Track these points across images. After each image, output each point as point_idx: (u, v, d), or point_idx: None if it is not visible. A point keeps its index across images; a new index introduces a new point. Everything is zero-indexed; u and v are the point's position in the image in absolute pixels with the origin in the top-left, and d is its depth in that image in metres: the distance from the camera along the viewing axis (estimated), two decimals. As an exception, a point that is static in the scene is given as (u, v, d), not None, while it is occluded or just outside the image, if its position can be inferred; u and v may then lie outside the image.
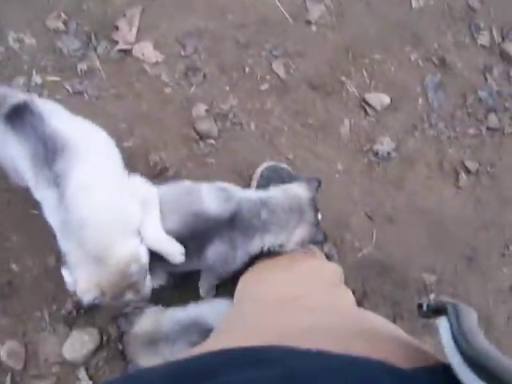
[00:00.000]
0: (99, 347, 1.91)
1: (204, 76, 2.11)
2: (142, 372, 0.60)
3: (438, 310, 0.66)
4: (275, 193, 1.63)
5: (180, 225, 1.50)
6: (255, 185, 1.95)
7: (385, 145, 2.14)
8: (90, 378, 1.89)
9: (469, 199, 2.17)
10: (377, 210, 2.10)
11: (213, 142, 2.06)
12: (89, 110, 2.02)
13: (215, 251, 1.53)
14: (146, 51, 2.10)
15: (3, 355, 1.85)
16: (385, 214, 2.10)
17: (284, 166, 1.99)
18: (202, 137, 2.06)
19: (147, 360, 1.62)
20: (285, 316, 0.91)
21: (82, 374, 1.89)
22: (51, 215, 1.40)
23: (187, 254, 1.51)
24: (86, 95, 2.05)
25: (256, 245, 1.57)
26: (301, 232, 1.59)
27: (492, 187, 2.20)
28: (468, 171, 2.18)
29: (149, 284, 1.53)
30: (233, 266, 1.59)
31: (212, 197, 1.54)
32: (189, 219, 1.51)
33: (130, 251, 1.38)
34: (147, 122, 2.05)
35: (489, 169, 2.20)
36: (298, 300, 1.10)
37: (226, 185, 1.62)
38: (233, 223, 1.51)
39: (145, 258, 1.43)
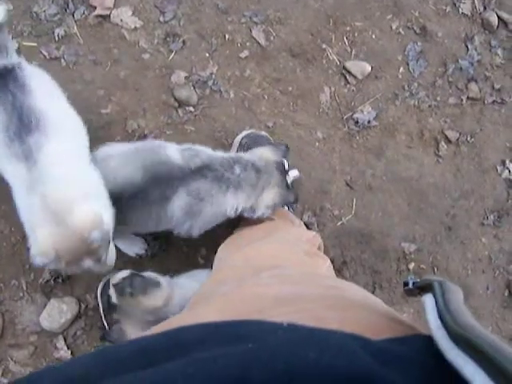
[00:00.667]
0: (77, 316, 1.90)
1: (183, 42, 2.09)
2: (112, 348, 0.59)
3: (424, 288, 0.65)
4: (244, 154, 1.62)
5: (142, 171, 1.46)
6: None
7: (365, 113, 2.13)
8: (68, 347, 1.88)
9: (449, 168, 2.18)
10: (357, 178, 2.10)
11: (192, 109, 2.04)
12: (66, 76, 1.99)
13: (179, 203, 1.49)
14: (125, 17, 2.07)
15: (-21, 323, 1.84)
16: (365, 183, 2.10)
17: (263, 133, 1.98)
18: (181, 104, 2.03)
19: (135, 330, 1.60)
20: (260, 286, 0.90)
21: (60, 343, 1.88)
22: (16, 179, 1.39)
23: (151, 204, 1.48)
24: (63, 61, 2.02)
25: (230, 202, 1.55)
26: (269, 194, 1.58)
27: (472, 157, 2.20)
28: (448, 140, 2.18)
29: (112, 253, 1.49)
30: (202, 219, 1.55)
31: (178, 152, 1.52)
32: (152, 167, 1.47)
33: (92, 215, 1.33)
34: (125, 89, 2.02)
35: (469, 138, 2.20)
36: (274, 269, 1.08)
37: (196, 146, 1.60)
38: (201, 173, 1.48)
39: (108, 225, 1.38)
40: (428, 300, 0.59)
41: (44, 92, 1.49)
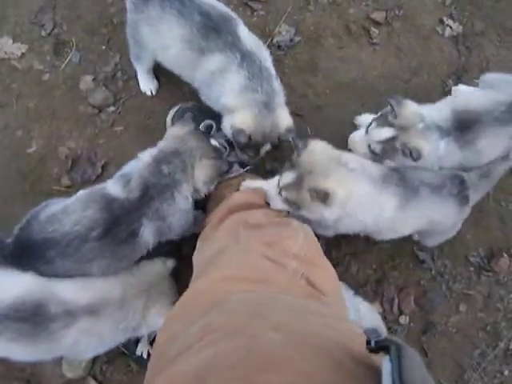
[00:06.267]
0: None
1: (75, 46, 1.96)
2: None
3: (384, 348, 0.64)
4: (161, 143, 1.54)
5: (100, 212, 1.44)
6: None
7: (284, 33, 1.99)
8: (101, 383, 1.86)
9: (388, 52, 2.04)
10: (300, 103, 1.98)
11: (113, 108, 1.93)
12: (-23, 132, 1.90)
13: (149, 232, 1.49)
14: (7, 47, 1.95)
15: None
16: (311, 105, 1.98)
17: (190, 104, 1.86)
18: (101, 108, 1.93)
19: None
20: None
21: (92, 383, 1.85)
22: None
23: (121, 242, 1.46)
24: (-32, 117, 1.92)
25: (182, 200, 1.50)
26: (201, 170, 1.50)
27: (408, 29, 2.05)
28: (377, 23, 2.04)
29: None
30: (175, 231, 1.56)
31: (116, 186, 1.48)
32: (106, 206, 1.44)
33: None
34: (41, 119, 1.92)
35: (398, 12, 2.05)
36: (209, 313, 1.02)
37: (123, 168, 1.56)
38: (148, 196, 1.45)
39: None
40: (386, 365, 0.60)
41: None
